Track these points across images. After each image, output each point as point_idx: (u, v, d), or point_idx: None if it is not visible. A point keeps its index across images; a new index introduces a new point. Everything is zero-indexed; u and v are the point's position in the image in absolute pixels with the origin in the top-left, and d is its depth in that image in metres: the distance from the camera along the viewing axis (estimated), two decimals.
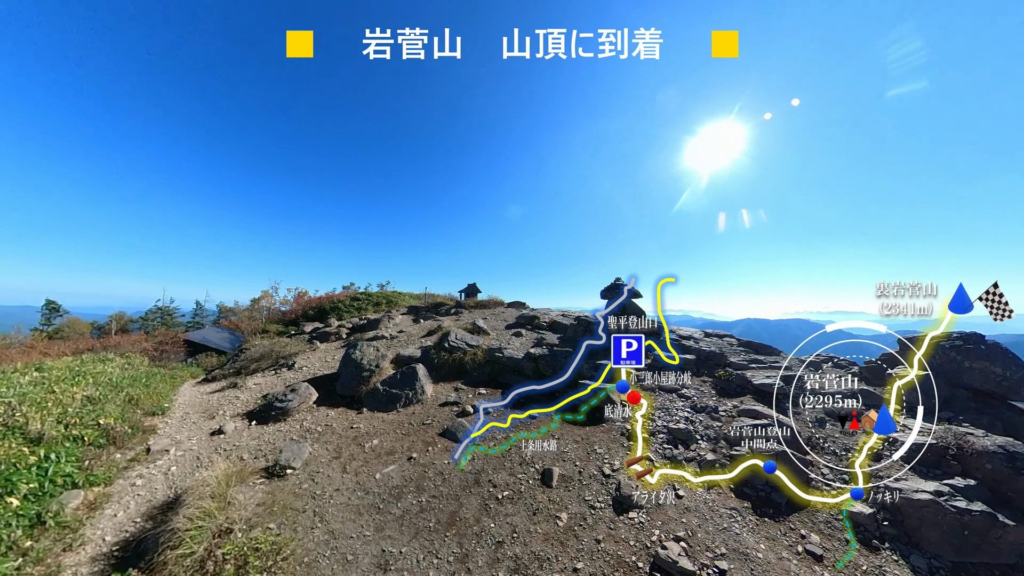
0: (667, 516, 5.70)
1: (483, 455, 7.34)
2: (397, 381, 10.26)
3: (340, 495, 6.37)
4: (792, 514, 5.89)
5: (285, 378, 12.29)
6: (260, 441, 8.31)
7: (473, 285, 21.71)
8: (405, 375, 10.37)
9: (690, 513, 5.77)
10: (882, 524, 5.77)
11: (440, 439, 8.06)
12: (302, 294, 30.28)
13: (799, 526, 5.68)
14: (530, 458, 7.18)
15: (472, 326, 14.15)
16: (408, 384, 10.14)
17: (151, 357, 15.65)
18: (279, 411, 9.29)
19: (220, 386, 12.70)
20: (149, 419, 9.44)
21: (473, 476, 6.78)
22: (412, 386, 10.09)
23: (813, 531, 5.58)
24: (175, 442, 8.34)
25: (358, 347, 11.27)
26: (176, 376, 14.31)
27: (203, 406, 10.62)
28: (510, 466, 7.02)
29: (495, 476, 6.75)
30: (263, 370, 13.95)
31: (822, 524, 5.71)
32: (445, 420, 8.82)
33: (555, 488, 6.40)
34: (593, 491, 6.24)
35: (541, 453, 7.24)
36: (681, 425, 8.13)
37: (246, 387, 11.86)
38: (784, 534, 5.56)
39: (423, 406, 9.66)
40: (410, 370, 10.46)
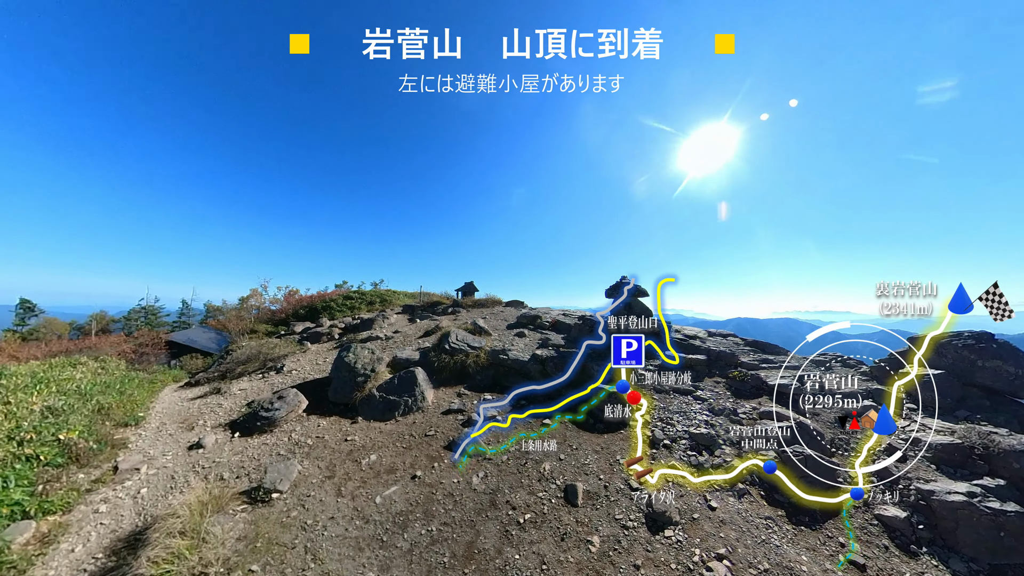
0: (704, 531, 5.30)
1: (496, 472, 6.54)
2: (395, 387, 9.38)
3: (335, 525, 5.47)
4: (827, 520, 5.70)
5: (273, 383, 11.33)
6: (243, 457, 7.38)
7: (470, 284, 20.84)
8: (403, 380, 9.49)
9: (727, 526, 5.42)
10: (917, 528, 5.58)
11: (446, 453, 7.20)
12: (293, 292, 29.15)
13: (836, 534, 5.49)
14: (550, 473, 6.45)
15: (473, 326, 13.29)
16: (407, 390, 9.27)
17: (130, 360, 14.55)
18: (265, 421, 8.37)
19: (203, 391, 11.70)
20: (120, 431, 8.45)
21: (488, 497, 5.96)
22: (411, 392, 9.21)
23: (852, 539, 5.40)
24: (148, 458, 7.38)
25: (351, 349, 10.36)
26: (156, 380, 13.26)
27: (182, 415, 9.64)
28: (528, 483, 6.24)
29: (513, 496, 5.95)
30: (249, 374, 12.96)
31: (858, 530, 5.55)
32: (450, 431, 7.97)
33: (581, 507, 5.73)
34: (623, 508, 5.68)
35: (562, 468, 6.56)
36: (703, 430, 7.67)
37: (230, 393, 10.89)
38: (823, 543, 5.35)
39: (424, 414, 8.79)
40: (408, 374, 9.59)
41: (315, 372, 11.85)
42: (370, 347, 10.65)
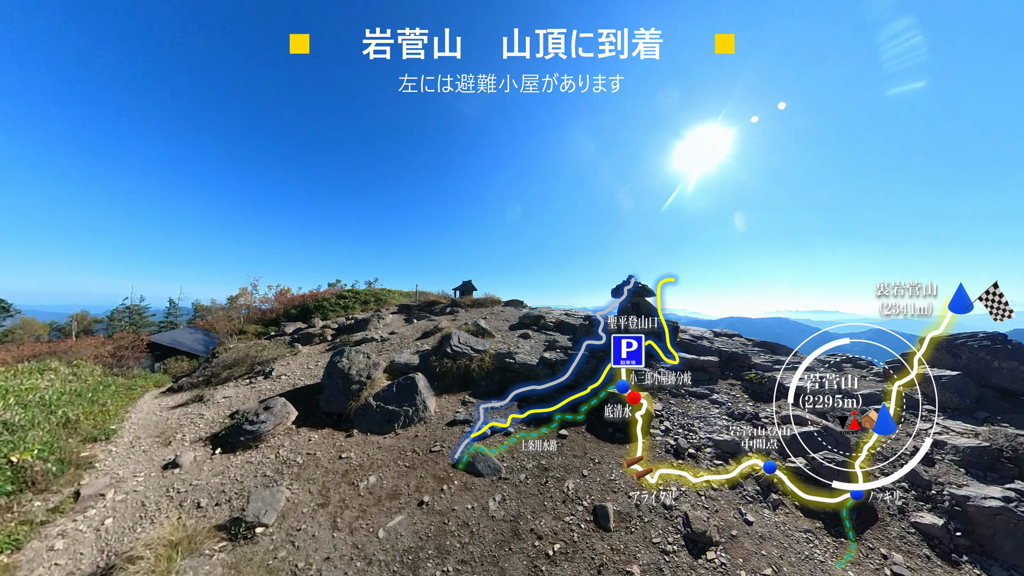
0: (746, 550, 4.98)
1: (515, 494, 5.80)
2: (393, 395, 8.53)
3: (332, 568, 4.60)
4: (864, 531, 5.51)
5: (260, 389, 10.42)
6: (224, 478, 6.49)
7: (468, 283, 19.98)
8: (402, 387, 8.64)
9: (767, 542, 5.13)
10: (955, 535, 5.42)
11: (456, 473, 6.39)
12: (284, 291, 28.11)
13: (877, 544, 5.30)
14: (574, 492, 5.78)
15: (475, 327, 12.46)
16: (407, 398, 8.43)
17: (108, 364, 13.53)
18: (250, 436, 7.48)
19: (185, 398, 10.76)
20: (88, 447, 7.52)
21: (509, 525, 5.18)
22: (412, 401, 8.38)
23: (892, 549, 5.24)
24: (116, 481, 6.47)
25: (345, 354, 9.48)
26: (135, 386, 12.27)
27: (159, 427, 8.70)
28: (552, 505, 5.53)
29: (537, 522, 5.22)
30: (236, 379, 12.03)
31: (897, 540, 5.39)
32: (457, 444, 7.16)
33: (614, 531, 5.16)
34: (659, 529, 5.21)
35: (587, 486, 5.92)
36: (726, 436, 7.30)
37: (214, 401, 9.97)
38: (866, 556, 5.10)
39: (427, 426, 7.96)
40: (408, 381, 8.74)
41: (306, 377, 10.95)
42: (365, 351, 9.79)
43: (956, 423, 8.02)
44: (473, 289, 20.02)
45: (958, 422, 8.05)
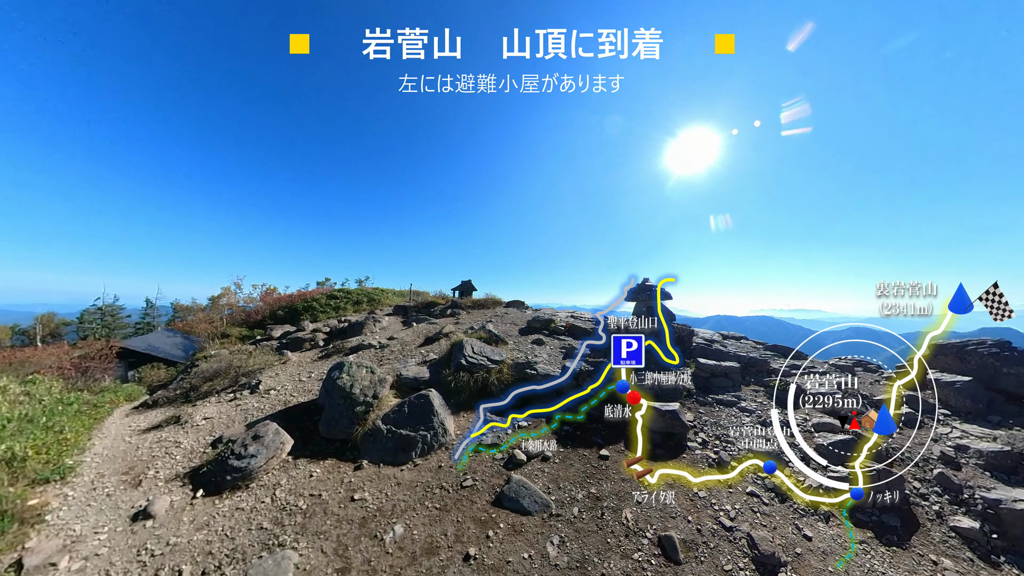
0: (813, 568, 4.91)
1: (572, 532, 4.98)
2: (406, 416, 7.31)
3: None
4: (910, 537, 5.62)
5: (247, 408, 9.05)
6: (210, 532, 5.20)
7: (468, 283, 18.74)
8: (416, 407, 7.43)
9: (830, 558, 5.06)
10: (991, 537, 5.57)
11: (499, 512, 5.28)
12: (270, 291, 26.36)
13: (925, 551, 5.40)
14: (634, 523, 5.18)
15: (486, 334, 11.26)
16: (422, 420, 7.22)
17: (70, 377, 11.92)
18: (237, 474, 6.17)
19: (159, 418, 9.33)
20: (39, 492, 6.12)
21: (577, 574, 4.14)
22: (428, 423, 7.17)
23: (940, 555, 5.33)
24: (71, 541, 5.12)
25: (344, 368, 8.18)
26: (103, 403, 10.74)
27: (127, 460, 7.30)
28: (615, 542, 4.83)
29: (606, 565, 4.51)
30: (218, 392, 10.62)
31: (942, 545, 5.50)
32: (492, 475, 6.05)
33: (685, 563, 4.80)
34: (727, 555, 4.99)
35: (645, 515, 5.42)
36: (765, 447, 6.91)
37: (192, 423, 8.57)
38: (919, 563, 5.21)
39: (450, 453, 6.77)
40: (422, 400, 7.53)
41: (299, 393, 9.60)
42: (368, 366, 8.48)
43: (973, 427, 8.13)
44: (473, 289, 18.80)
45: (974, 426, 8.15)
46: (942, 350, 10.01)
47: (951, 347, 9.93)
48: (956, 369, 9.52)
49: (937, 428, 8.41)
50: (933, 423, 8.34)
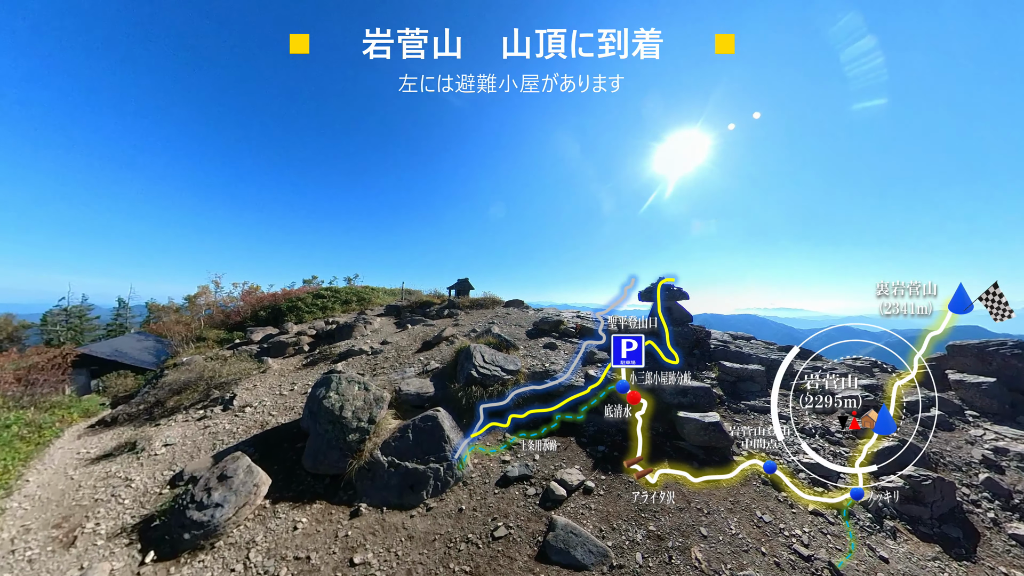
0: None
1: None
2: (411, 444, 5.91)
3: None
4: (975, 548, 5.32)
5: (217, 431, 7.52)
6: None
7: (465, 281, 17.33)
8: (423, 432, 6.03)
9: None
10: None
11: (549, 571, 3.97)
12: (252, 289, 24.49)
13: (996, 563, 5.07)
14: (707, 564, 4.27)
15: (495, 338, 9.89)
16: (432, 448, 5.83)
17: (12, 392, 10.17)
18: (198, 530, 4.69)
19: (112, 443, 7.78)
20: None
21: None
22: (439, 451, 5.79)
23: (1010, 566, 5.01)
24: None
25: (333, 385, 6.70)
26: (50, 424, 9.09)
27: (66, 503, 5.76)
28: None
29: None
30: (186, 409, 9.06)
31: (1004, 554, 5.21)
32: (528, 519, 4.74)
33: None
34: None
35: (716, 551, 4.58)
36: (815, 458, 6.37)
37: (151, 450, 7.04)
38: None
39: (469, 489, 5.42)
40: (429, 423, 6.13)
41: (279, 410, 8.10)
42: (360, 381, 7.00)
43: (1004, 428, 7.89)
44: (470, 288, 17.39)
45: (1005, 427, 7.92)
46: (961, 351, 9.72)
47: (971, 348, 9.60)
48: (977, 370, 9.23)
49: (970, 430, 7.97)
50: (964, 425, 8.08)
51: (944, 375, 9.46)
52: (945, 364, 9.84)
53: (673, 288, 11.80)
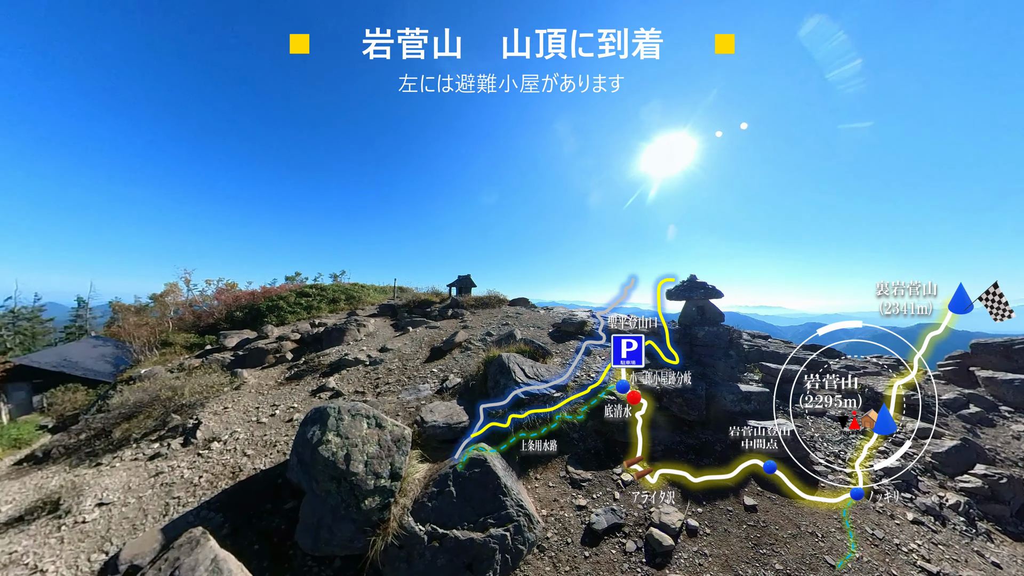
0: None
1: None
2: (454, 502, 4.03)
3: None
4: None
5: (173, 478, 5.41)
6: None
7: (467, 278, 15.35)
8: (468, 483, 4.16)
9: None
10: None
11: None
12: (228, 287, 21.75)
13: None
14: None
15: (528, 345, 8.00)
16: (486, 504, 3.99)
17: None
18: None
19: (31, 500, 5.56)
20: None
21: None
22: (497, 507, 3.95)
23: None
24: None
25: (330, 420, 4.62)
26: None
27: None
28: None
29: None
30: (137, 441, 6.91)
31: None
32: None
33: None
34: None
35: None
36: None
37: (80, 511, 4.92)
38: None
39: (550, 558, 3.66)
40: (476, 468, 4.25)
41: (256, 447, 6.01)
42: (370, 413, 4.95)
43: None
44: (472, 286, 15.42)
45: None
46: (985, 348, 9.58)
47: (995, 346, 9.49)
48: (1003, 367, 9.11)
49: (1012, 426, 7.69)
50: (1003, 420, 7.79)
51: (969, 372, 9.30)
52: (968, 362, 9.61)
53: (707, 286, 10.48)
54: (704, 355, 8.31)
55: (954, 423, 7.41)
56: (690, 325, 9.01)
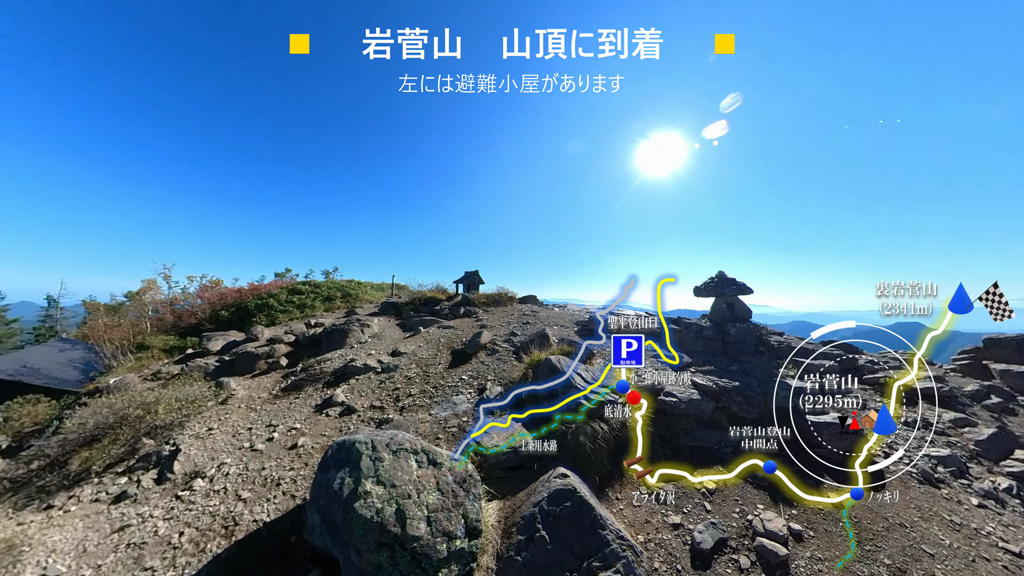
0: None
1: None
2: (548, 549, 2.88)
3: None
4: None
5: (143, 535, 3.98)
6: None
7: (475, 274, 13.99)
8: (559, 521, 2.90)
9: None
10: None
11: None
12: (213, 284, 19.80)
13: None
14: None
15: (572, 347, 6.75)
16: (585, 544, 2.96)
17: None
18: None
19: None
20: None
21: None
22: (598, 545, 2.92)
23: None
24: None
25: (362, 461, 3.24)
26: None
27: None
28: None
29: None
30: (99, 474, 5.41)
31: None
32: None
33: None
34: None
35: None
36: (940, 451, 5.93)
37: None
38: None
39: None
40: (564, 502, 3.00)
41: (253, 487, 4.60)
42: (416, 447, 3.63)
43: None
44: (480, 282, 14.08)
45: None
46: (998, 343, 9.58)
47: (1009, 340, 9.55)
48: (1017, 360, 9.10)
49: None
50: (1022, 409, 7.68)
51: (983, 365, 9.34)
52: (981, 355, 9.68)
53: (737, 282, 9.65)
54: (738, 352, 8.21)
55: (981, 413, 7.40)
56: (721, 322, 8.80)
